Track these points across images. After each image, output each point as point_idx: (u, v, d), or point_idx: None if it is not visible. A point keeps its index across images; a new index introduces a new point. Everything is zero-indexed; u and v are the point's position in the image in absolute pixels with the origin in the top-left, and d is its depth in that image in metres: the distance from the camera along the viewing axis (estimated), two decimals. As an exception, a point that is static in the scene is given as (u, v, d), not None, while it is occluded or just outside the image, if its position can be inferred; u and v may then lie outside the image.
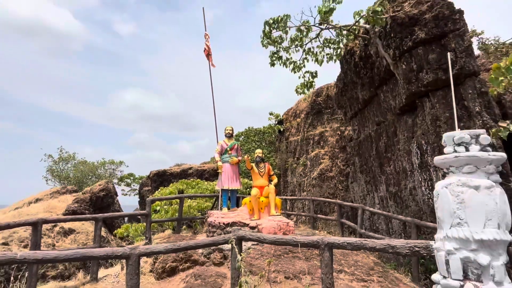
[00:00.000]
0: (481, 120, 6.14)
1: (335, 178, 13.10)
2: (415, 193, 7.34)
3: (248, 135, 21.41)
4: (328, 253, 3.07)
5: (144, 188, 26.42)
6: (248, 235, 3.75)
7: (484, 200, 2.19)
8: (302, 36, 8.64)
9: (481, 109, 6.19)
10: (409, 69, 6.89)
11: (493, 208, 2.17)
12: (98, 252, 3.12)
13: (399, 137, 8.12)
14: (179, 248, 3.55)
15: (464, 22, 6.43)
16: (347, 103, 11.44)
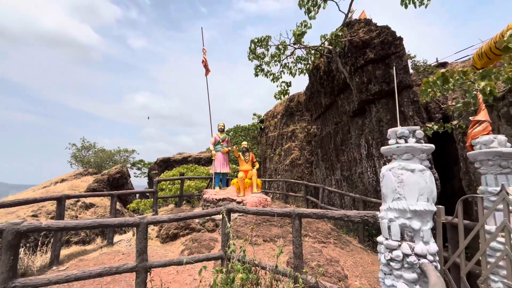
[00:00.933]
0: (413, 121, 6.31)
1: (303, 165, 13.21)
2: (363, 177, 7.50)
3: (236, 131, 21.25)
4: (298, 221, 3.05)
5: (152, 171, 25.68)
6: (236, 207, 3.68)
7: (417, 180, 2.21)
8: (280, 54, 8.55)
9: (413, 114, 6.36)
10: (361, 82, 6.96)
11: (424, 186, 2.21)
12: (112, 221, 2.95)
13: (351, 134, 8.24)
14: (180, 218, 3.42)
15: (403, 46, 6.54)
16: (313, 107, 11.49)
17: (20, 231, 2.48)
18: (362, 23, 7.03)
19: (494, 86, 3.55)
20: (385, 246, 2.27)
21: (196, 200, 9.83)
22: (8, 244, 2.42)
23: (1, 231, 2.44)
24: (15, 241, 2.47)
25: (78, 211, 12.70)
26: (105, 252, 5.43)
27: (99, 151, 19.61)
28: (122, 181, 16.02)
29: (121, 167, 16.06)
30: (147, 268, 3.05)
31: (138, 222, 3.06)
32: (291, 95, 15.78)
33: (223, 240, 3.75)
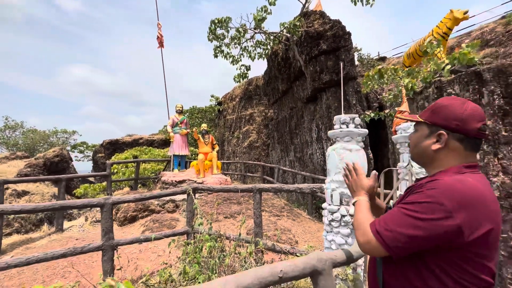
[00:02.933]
0: (356, 109, 7.26)
1: (260, 147, 13.84)
2: (313, 158, 8.39)
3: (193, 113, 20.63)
4: (258, 195, 3.47)
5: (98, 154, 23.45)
6: (201, 186, 3.92)
7: (354, 157, 2.80)
8: (240, 36, 8.59)
9: (356, 102, 7.30)
10: (314, 71, 7.59)
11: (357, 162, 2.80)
12: (75, 202, 2.92)
13: (304, 119, 8.99)
14: (146, 197, 3.52)
15: (351, 41, 7.30)
16: (271, 92, 11.95)
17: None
18: (318, 15, 7.54)
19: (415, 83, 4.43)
20: (328, 210, 2.85)
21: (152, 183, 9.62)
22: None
23: None
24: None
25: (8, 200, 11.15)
26: (55, 239, 5.14)
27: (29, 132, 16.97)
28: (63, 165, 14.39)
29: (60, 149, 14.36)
30: (113, 246, 3.14)
31: (103, 202, 3.08)
32: (250, 79, 15.97)
33: (188, 217, 3.99)
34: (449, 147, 0.87)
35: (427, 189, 0.80)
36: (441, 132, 0.88)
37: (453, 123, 0.86)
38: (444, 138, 0.88)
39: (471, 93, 4.34)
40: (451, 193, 0.76)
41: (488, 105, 4.15)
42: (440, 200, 0.76)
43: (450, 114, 0.87)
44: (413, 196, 0.83)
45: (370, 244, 0.86)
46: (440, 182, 0.80)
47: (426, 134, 0.91)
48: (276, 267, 1.26)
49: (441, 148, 0.88)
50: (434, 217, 0.76)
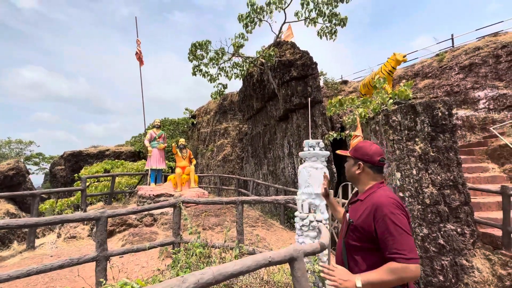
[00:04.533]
0: (321, 129, 8.26)
1: (234, 161, 14.32)
2: (285, 171, 9.15)
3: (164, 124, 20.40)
4: (241, 207, 4.02)
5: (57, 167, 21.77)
6: (187, 199, 4.33)
7: (318, 174, 3.52)
8: (218, 58, 9.25)
9: (322, 123, 8.32)
10: (286, 94, 8.50)
11: (322, 178, 3.53)
12: (73, 216, 3.18)
13: (277, 135, 9.80)
14: (137, 210, 3.85)
15: (317, 70, 8.40)
16: (246, 109, 12.67)
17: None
18: (289, 45, 8.56)
19: (367, 112, 5.46)
20: (300, 217, 3.51)
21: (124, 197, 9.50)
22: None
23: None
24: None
25: (-47, 219, 10.03)
26: (27, 257, 5.02)
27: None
28: (18, 179, 13.30)
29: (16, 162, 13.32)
30: (107, 256, 3.41)
31: (99, 216, 3.37)
32: (225, 94, 16.60)
33: (175, 228, 4.34)
34: (364, 171, 1.56)
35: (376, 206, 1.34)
36: (359, 163, 1.56)
37: (365, 157, 1.55)
38: (361, 166, 1.55)
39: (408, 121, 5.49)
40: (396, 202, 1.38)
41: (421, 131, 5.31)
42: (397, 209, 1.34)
43: (363, 152, 1.56)
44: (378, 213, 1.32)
45: (418, 270, 1.25)
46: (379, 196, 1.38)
47: (352, 163, 1.59)
48: (267, 254, 1.85)
49: (360, 172, 1.56)
50: (405, 222, 1.33)
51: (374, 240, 1.37)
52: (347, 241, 1.49)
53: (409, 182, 5.09)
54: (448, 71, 11.46)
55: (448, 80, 11.17)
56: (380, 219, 1.34)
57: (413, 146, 5.26)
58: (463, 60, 10.95)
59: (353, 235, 1.45)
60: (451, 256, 4.76)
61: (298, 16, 8.76)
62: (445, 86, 11.17)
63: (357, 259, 1.42)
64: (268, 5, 8.15)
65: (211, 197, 11.02)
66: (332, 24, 8.29)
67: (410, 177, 5.11)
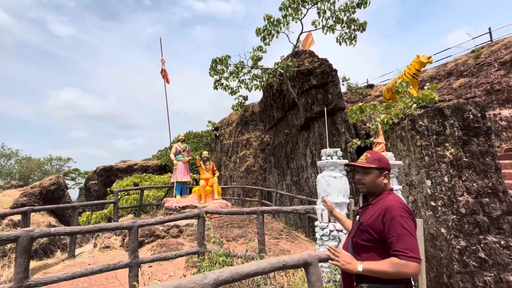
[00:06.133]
0: (345, 137, 8.23)
1: (257, 172, 14.56)
2: (308, 181, 9.17)
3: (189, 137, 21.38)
4: (261, 216, 4.22)
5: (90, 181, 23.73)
6: (210, 209, 4.64)
7: (337, 183, 3.63)
8: (238, 71, 9.76)
9: (345, 130, 8.30)
10: (306, 102, 8.66)
11: (341, 187, 3.63)
12: (110, 225, 3.63)
13: (299, 145, 9.91)
14: (165, 220, 4.23)
15: (337, 76, 8.49)
16: (266, 119, 12.98)
17: (33, 236, 3.03)
18: (307, 54, 8.80)
19: (390, 118, 5.44)
20: (319, 227, 3.62)
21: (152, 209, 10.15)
22: (23, 248, 2.95)
23: (17, 237, 2.95)
24: (29, 246, 3.01)
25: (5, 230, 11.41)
26: (68, 264, 5.64)
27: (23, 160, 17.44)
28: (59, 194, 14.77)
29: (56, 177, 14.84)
30: (139, 263, 3.80)
31: (131, 225, 3.79)
32: (246, 105, 17.12)
33: (199, 238, 4.66)
34: (387, 180, 1.72)
35: (389, 209, 1.50)
36: (386, 172, 1.72)
37: (388, 166, 1.73)
38: (387, 176, 1.72)
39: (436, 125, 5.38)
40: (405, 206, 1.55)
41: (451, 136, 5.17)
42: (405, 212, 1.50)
43: (386, 161, 1.74)
44: (387, 216, 1.49)
45: (417, 269, 1.40)
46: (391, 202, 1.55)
47: (378, 174, 1.72)
48: (281, 258, 2.04)
49: (387, 182, 1.72)
50: (412, 225, 1.49)
51: (381, 239, 1.53)
52: (355, 240, 1.67)
53: (441, 190, 4.95)
54: (486, 68, 10.83)
55: (487, 77, 10.55)
56: (388, 220, 1.51)
57: (443, 151, 5.13)
58: (504, 55, 10.31)
59: (361, 235, 1.62)
60: (495, 271, 4.48)
61: (316, 25, 9.01)
62: (484, 85, 10.55)
63: (363, 257, 1.59)
64: (284, 17, 8.53)
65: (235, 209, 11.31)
66: (351, 30, 8.41)
67: (442, 185, 4.97)
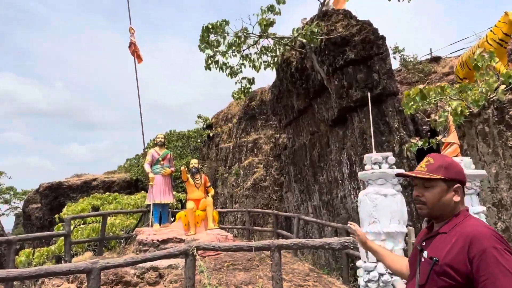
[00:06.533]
0: (399, 135, 8.17)
1: (270, 188, 14.59)
2: (346, 201, 9.13)
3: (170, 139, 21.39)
4: (277, 254, 4.24)
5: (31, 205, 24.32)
6: (203, 244, 4.69)
7: (390, 204, 3.61)
8: (240, 42, 9.83)
9: (399, 126, 8.23)
10: (340, 85, 8.65)
11: (395, 209, 3.61)
12: (60, 267, 3.73)
13: (331, 148, 9.89)
14: (138, 260, 4.31)
15: (386, 47, 8.45)
16: (282, 111, 13.01)
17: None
18: (341, 14, 8.81)
19: (465, 106, 5.38)
20: (364, 268, 3.60)
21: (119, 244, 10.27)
22: None
23: None
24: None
25: None
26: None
27: None
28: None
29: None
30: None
31: (90, 268, 3.86)
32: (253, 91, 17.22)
33: (187, 286, 4.70)
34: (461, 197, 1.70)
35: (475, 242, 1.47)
36: (458, 185, 1.66)
37: (461, 176, 1.68)
38: (461, 190, 1.68)
39: (537, 116, 5.29)
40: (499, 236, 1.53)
41: (560, 131, 5.07)
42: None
43: (458, 170, 1.68)
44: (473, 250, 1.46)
45: None
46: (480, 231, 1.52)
47: (445, 189, 1.67)
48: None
49: (460, 199, 1.67)
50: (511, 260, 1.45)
51: (468, 284, 1.49)
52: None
53: (546, 213, 4.88)
54: None
55: None
56: (478, 255, 1.47)
57: (549, 155, 5.07)
58: None
59: (438, 280, 1.58)
60: None
61: (352, -28, 9.01)
62: None
63: None
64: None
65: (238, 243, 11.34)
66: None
67: (547, 205, 4.90)
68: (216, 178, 17.72)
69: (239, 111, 17.78)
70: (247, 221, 11.78)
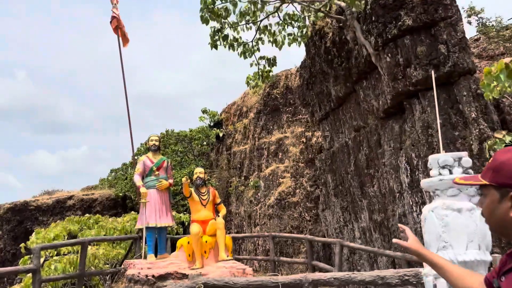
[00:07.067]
0: (478, 128, 7.96)
1: (300, 205, 14.45)
2: (405, 221, 8.95)
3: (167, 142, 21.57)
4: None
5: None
6: (213, 280, 4.74)
7: (466, 222, 3.55)
8: (255, 10, 9.83)
9: (478, 115, 8.03)
10: (394, 63, 8.51)
11: (473, 229, 3.54)
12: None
13: (383, 148, 9.72)
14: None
15: (457, 8, 8.27)
16: (315, 100, 12.90)
17: None
18: (392, -32, 8.71)
19: None
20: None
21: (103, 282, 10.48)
22: None
23: None
24: None
25: None
26: None
27: None
28: None
29: None
30: None
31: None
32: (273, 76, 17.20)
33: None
34: None
35: None
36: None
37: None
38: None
39: None
40: None
41: None
42: None
43: None
44: None
45: None
46: None
47: (497, 198, 1.61)
48: None
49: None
50: None
51: None
52: None
53: None
54: None
55: None
56: None
57: None
58: None
59: None
60: None
61: None
62: None
63: None
64: None
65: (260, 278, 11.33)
66: None
67: None
68: (229, 193, 17.77)
69: (256, 102, 17.76)
70: (272, 250, 11.78)
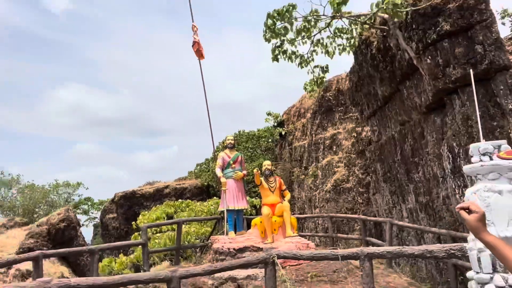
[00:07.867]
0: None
1: (353, 190, 14.28)
2: (449, 202, 8.53)
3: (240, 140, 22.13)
4: (368, 263, 4.16)
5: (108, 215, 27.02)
6: (283, 252, 4.80)
7: (507, 202, 3.32)
8: (309, 27, 9.79)
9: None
10: (434, 64, 8.11)
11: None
12: (142, 276, 4.14)
13: (427, 139, 9.33)
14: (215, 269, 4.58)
15: (491, 12, 7.71)
16: (364, 100, 12.63)
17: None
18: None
19: None
20: (476, 280, 3.36)
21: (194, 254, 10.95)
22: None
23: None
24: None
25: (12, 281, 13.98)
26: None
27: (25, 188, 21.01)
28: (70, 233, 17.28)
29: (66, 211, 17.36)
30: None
31: (170, 276, 4.22)
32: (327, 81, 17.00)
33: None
34: None
35: None
36: None
37: None
38: None
39: None
40: None
41: None
42: None
43: None
44: None
45: None
46: None
47: None
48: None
49: None
50: None
51: None
52: None
53: None
54: None
55: None
56: None
57: None
58: None
59: None
60: None
61: None
62: None
63: None
64: None
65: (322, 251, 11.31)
66: None
67: None
68: (292, 181, 17.87)
69: (312, 104, 17.69)
70: (330, 228, 11.68)
